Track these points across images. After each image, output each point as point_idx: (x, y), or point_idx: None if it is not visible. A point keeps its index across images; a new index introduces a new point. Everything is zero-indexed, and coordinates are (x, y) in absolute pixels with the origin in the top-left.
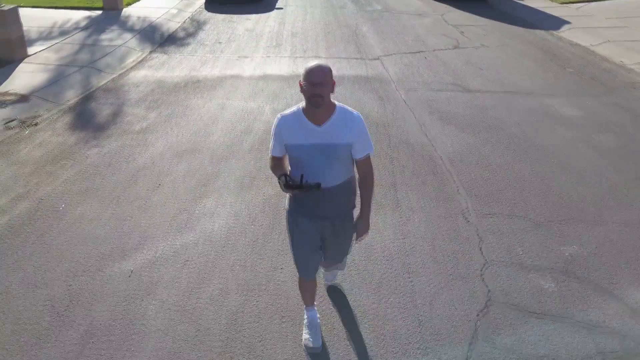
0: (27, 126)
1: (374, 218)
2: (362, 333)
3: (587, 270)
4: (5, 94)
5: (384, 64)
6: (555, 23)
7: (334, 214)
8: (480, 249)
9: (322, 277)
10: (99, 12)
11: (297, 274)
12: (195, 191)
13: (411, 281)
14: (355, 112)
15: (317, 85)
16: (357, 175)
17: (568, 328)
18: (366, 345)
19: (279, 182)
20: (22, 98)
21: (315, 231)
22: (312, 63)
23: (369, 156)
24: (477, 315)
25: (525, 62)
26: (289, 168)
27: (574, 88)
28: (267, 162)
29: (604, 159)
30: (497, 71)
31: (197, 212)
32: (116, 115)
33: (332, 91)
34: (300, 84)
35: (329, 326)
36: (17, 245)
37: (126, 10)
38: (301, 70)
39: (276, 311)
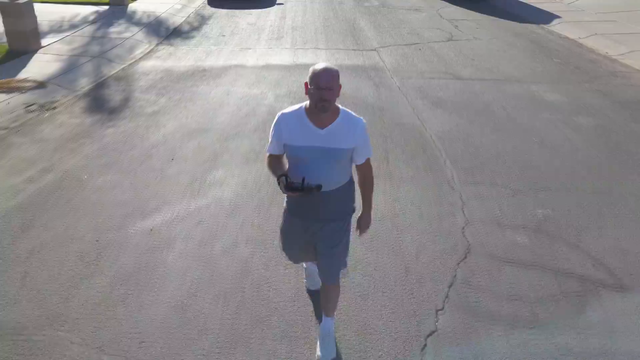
0: (47, 109)
1: None
2: (355, 277)
3: (557, 229)
4: (24, 80)
5: (380, 55)
6: (547, 18)
7: (331, 217)
8: (463, 211)
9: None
10: (106, 7)
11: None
12: (205, 164)
13: (400, 237)
14: (359, 117)
15: (325, 90)
16: (356, 177)
17: (536, 273)
18: (358, 285)
19: (278, 182)
20: (40, 85)
21: (309, 233)
22: (320, 65)
23: (369, 159)
24: (458, 264)
25: (515, 53)
26: (287, 166)
27: (558, 76)
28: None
29: (581, 136)
30: (488, 61)
31: (208, 181)
32: (128, 100)
33: (338, 95)
34: (307, 86)
35: None
36: (47, 208)
37: (132, 6)
38: (302, 60)
39: (280, 262)
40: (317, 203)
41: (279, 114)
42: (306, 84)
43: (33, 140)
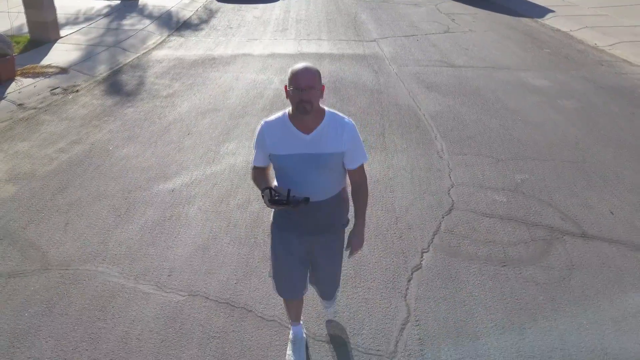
0: (70, 92)
1: None
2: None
3: (532, 190)
4: (48, 66)
5: (379, 45)
6: (541, 12)
7: (323, 230)
8: (449, 176)
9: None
10: (118, 1)
11: None
12: (218, 138)
13: (392, 195)
14: (346, 118)
15: (305, 89)
16: (349, 185)
17: (511, 225)
18: None
19: (262, 196)
20: (62, 70)
21: (302, 248)
22: (299, 65)
23: (363, 166)
24: (442, 216)
25: (508, 44)
26: (274, 180)
27: (547, 64)
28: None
29: (563, 116)
30: (481, 51)
31: (222, 151)
32: (145, 84)
33: (321, 96)
34: (286, 89)
35: None
36: (79, 173)
37: (142, 1)
38: (306, 50)
39: None
40: (307, 215)
41: (261, 122)
42: (285, 87)
43: (60, 118)
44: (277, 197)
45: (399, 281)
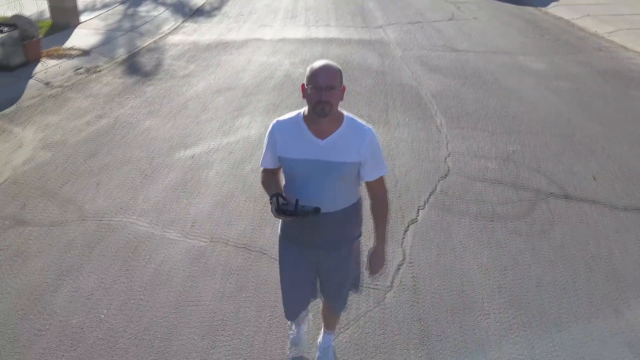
0: (92, 72)
1: None
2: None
3: (523, 159)
4: (71, 49)
5: (385, 31)
6: (544, 0)
7: (333, 244)
8: (447, 146)
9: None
10: None
11: None
12: (233, 113)
13: (393, 162)
14: (367, 125)
15: (325, 89)
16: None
17: (500, 187)
18: None
19: (270, 203)
20: (84, 53)
21: (308, 263)
22: (318, 62)
23: (383, 178)
24: (438, 180)
25: (510, 31)
26: (284, 183)
27: (546, 50)
28: (286, 96)
29: (557, 96)
30: (483, 37)
31: (236, 125)
32: (162, 66)
33: (342, 98)
34: (303, 88)
35: None
36: (106, 142)
37: None
38: (314, 35)
39: None
40: (316, 227)
41: (273, 122)
42: (303, 85)
43: (85, 95)
44: (283, 207)
45: (396, 232)
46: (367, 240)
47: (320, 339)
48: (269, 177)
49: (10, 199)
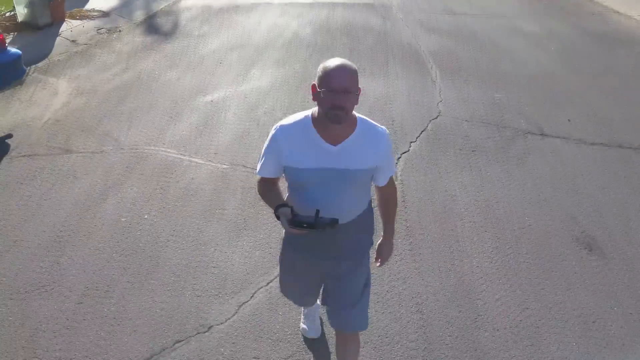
0: (114, 32)
1: (368, 81)
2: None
3: (507, 105)
4: (92, 10)
5: None
6: None
7: (345, 256)
8: (440, 94)
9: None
10: None
11: None
12: (246, 67)
13: (390, 107)
14: (380, 127)
15: (340, 93)
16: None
17: (485, 127)
18: None
19: (276, 215)
20: (105, 14)
21: (315, 275)
22: (333, 61)
23: (393, 178)
24: (430, 120)
25: None
26: (286, 195)
27: (541, 13)
28: (293, 52)
29: (546, 55)
30: (482, 1)
31: (249, 76)
32: (178, 26)
33: (357, 102)
34: (314, 89)
35: None
36: (134, 90)
37: None
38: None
39: None
40: (329, 237)
41: (276, 126)
42: (313, 86)
43: (109, 51)
44: (301, 218)
45: None
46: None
47: None
48: (269, 187)
49: (55, 133)
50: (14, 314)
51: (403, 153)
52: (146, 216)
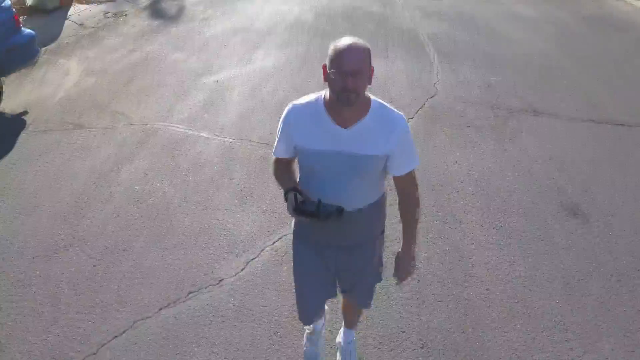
0: (120, 16)
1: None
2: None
3: (502, 86)
4: None
5: None
6: None
7: (356, 244)
8: (437, 75)
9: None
10: None
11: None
12: (250, 49)
13: (389, 87)
14: (397, 112)
15: (351, 74)
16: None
17: (480, 106)
18: None
19: (285, 199)
20: None
21: (327, 264)
22: (343, 41)
23: (413, 172)
24: (427, 99)
25: None
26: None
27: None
28: (295, 35)
29: (541, 38)
30: None
31: (253, 58)
32: (183, 11)
33: (370, 82)
34: (325, 70)
35: None
36: (142, 70)
37: None
38: None
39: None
40: (336, 225)
41: (289, 105)
42: (324, 66)
43: (117, 34)
44: (302, 206)
45: None
46: (390, 242)
47: (340, 337)
48: (283, 168)
49: (68, 110)
50: (37, 272)
51: None
52: (158, 185)
